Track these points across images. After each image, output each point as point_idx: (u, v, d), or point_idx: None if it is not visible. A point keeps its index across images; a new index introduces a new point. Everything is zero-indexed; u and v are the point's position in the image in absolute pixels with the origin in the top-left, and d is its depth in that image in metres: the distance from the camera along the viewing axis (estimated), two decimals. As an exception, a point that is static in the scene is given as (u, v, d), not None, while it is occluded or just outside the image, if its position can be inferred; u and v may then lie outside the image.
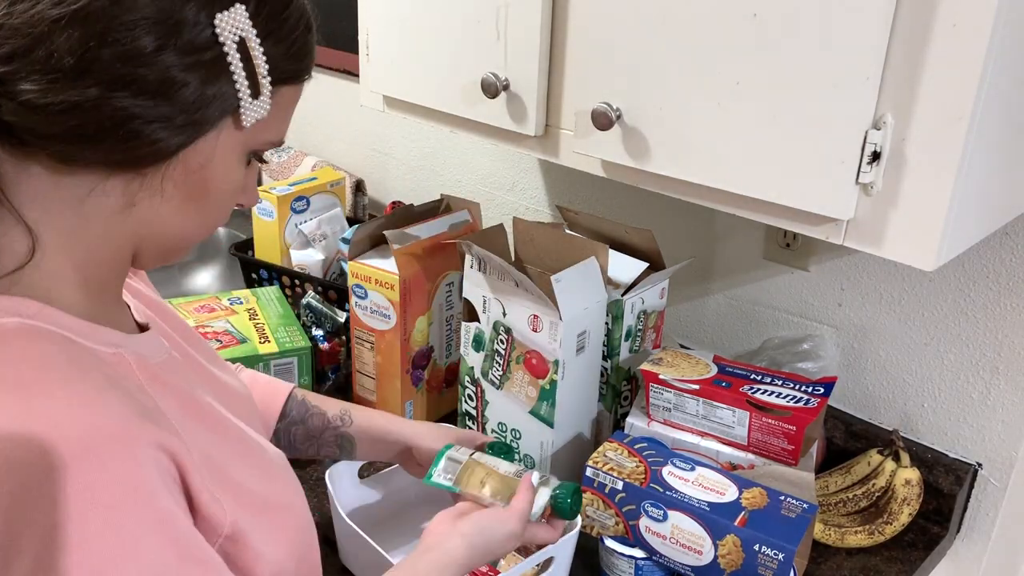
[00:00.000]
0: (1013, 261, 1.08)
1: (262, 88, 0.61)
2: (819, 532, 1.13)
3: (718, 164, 0.89)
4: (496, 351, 1.17)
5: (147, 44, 0.55)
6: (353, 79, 1.86)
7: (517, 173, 1.62)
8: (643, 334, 1.24)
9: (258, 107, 0.61)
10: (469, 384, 1.23)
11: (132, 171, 0.59)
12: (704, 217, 1.35)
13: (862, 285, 1.22)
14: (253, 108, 0.61)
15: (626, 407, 1.23)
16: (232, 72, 0.59)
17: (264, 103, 0.62)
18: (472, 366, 1.21)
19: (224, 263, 2.08)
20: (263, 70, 0.61)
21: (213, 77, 0.58)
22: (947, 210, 0.77)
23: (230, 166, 0.64)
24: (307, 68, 0.67)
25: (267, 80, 0.61)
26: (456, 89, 1.13)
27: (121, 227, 0.62)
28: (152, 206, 0.62)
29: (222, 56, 0.58)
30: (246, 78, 0.60)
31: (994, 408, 1.14)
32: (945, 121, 0.75)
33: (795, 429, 1.04)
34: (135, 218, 0.62)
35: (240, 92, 0.60)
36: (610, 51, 0.95)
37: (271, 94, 0.62)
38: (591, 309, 1.12)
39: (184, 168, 0.61)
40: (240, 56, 0.59)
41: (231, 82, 0.59)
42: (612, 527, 1.04)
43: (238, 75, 0.59)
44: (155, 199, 0.61)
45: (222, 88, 0.59)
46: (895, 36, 0.76)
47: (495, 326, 1.15)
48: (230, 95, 0.59)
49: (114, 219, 0.61)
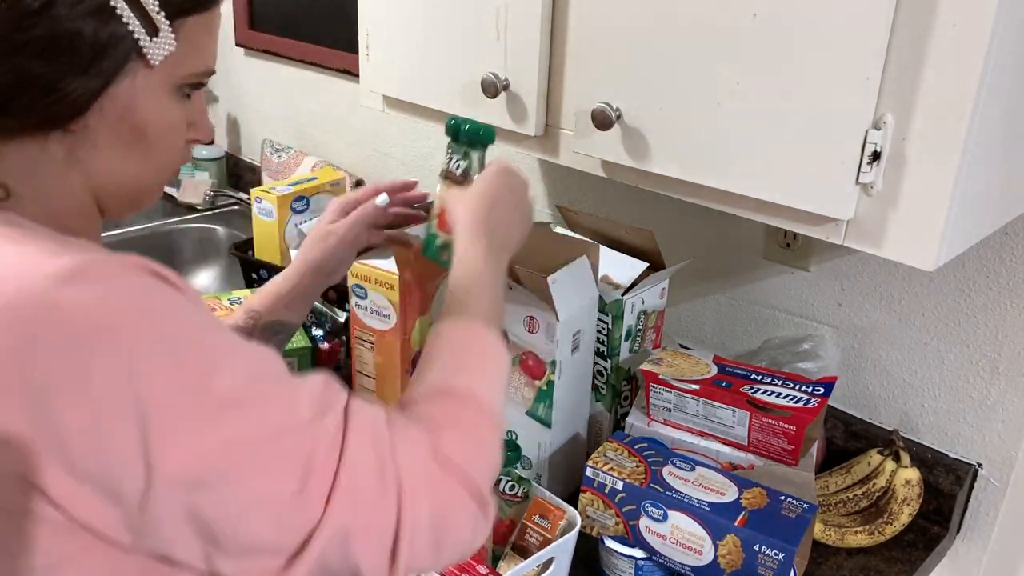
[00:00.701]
0: (1013, 261, 1.08)
1: (159, 24, 0.60)
2: (819, 532, 1.13)
3: (718, 164, 0.89)
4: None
5: (31, 4, 0.55)
6: (353, 79, 1.86)
7: (517, 173, 1.62)
8: (643, 334, 1.23)
9: (161, 44, 0.61)
10: None
11: (58, 129, 0.60)
12: (704, 217, 1.35)
13: (862, 285, 1.22)
14: (156, 46, 0.61)
15: (626, 407, 1.23)
16: (120, 15, 0.58)
17: (166, 39, 0.61)
18: None
19: (224, 263, 2.08)
20: (153, 7, 0.60)
21: (103, 23, 0.58)
22: (947, 210, 0.77)
23: (159, 105, 0.64)
24: None
25: (161, 15, 0.60)
26: (456, 89, 1.13)
27: (75, 181, 0.64)
28: (94, 157, 0.63)
29: (107, 1, 0.58)
30: (137, 19, 0.59)
31: (994, 408, 1.14)
32: (945, 121, 0.75)
33: (795, 429, 1.04)
34: (84, 171, 0.64)
35: (135, 33, 0.59)
36: (610, 51, 0.95)
37: (172, 28, 0.61)
38: (585, 308, 1.12)
39: (107, 116, 0.61)
40: None
41: (123, 24, 0.59)
42: (612, 527, 1.04)
43: (127, 17, 0.59)
44: (92, 150, 0.63)
45: (116, 31, 0.59)
46: (895, 36, 0.76)
47: None
48: (126, 37, 0.59)
49: (66, 175, 0.63)
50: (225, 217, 2.17)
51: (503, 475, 1.03)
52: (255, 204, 1.69)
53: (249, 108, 2.30)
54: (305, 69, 2.04)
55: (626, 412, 1.20)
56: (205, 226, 2.12)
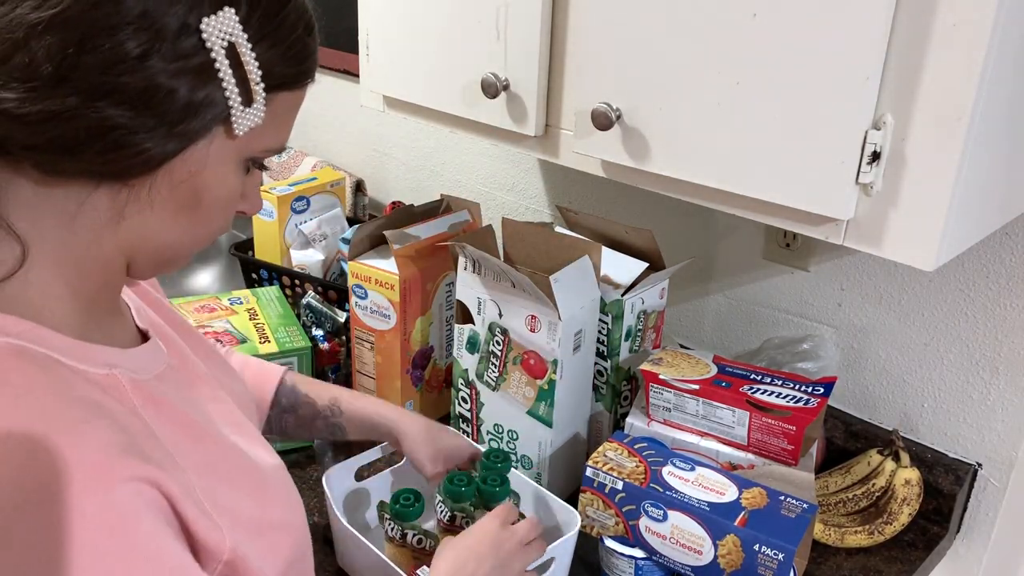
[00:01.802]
0: (1013, 261, 1.08)
1: (255, 95, 0.58)
2: (819, 532, 1.13)
3: (718, 164, 0.89)
4: (492, 352, 1.17)
5: (129, 51, 0.53)
6: (353, 79, 1.86)
7: (517, 173, 1.62)
8: (643, 334, 1.23)
9: (251, 115, 0.59)
10: (463, 386, 1.23)
11: (118, 182, 0.57)
12: (704, 217, 1.35)
13: (862, 285, 1.22)
14: (246, 116, 0.59)
15: (626, 407, 1.23)
16: (221, 79, 0.56)
17: (258, 110, 0.59)
18: (466, 368, 1.21)
19: (224, 263, 2.08)
20: (255, 76, 0.58)
21: (200, 84, 0.55)
22: (947, 210, 0.77)
23: (224, 175, 0.61)
24: (307, 72, 0.64)
25: (260, 87, 0.58)
26: (456, 89, 1.13)
27: (112, 239, 0.60)
28: (142, 218, 0.60)
29: (210, 63, 0.55)
30: (236, 85, 0.57)
31: (994, 408, 1.14)
32: (945, 121, 0.75)
33: (795, 429, 1.04)
34: (126, 230, 0.60)
35: (230, 100, 0.57)
36: (610, 51, 0.95)
37: (265, 101, 0.59)
38: (586, 308, 1.12)
39: (173, 178, 0.59)
40: (229, 62, 0.56)
41: (220, 89, 0.56)
42: (612, 527, 1.04)
43: (227, 82, 0.56)
44: (144, 211, 0.59)
45: (211, 95, 0.56)
46: (895, 36, 0.76)
47: (491, 327, 1.15)
48: (220, 103, 0.57)
49: (104, 231, 0.60)
50: (225, 217, 2.17)
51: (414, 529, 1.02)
52: (255, 204, 1.69)
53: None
54: (305, 69, 2.04)
55: (626, 412, 1.20)
56: (205, 226, 2.12)
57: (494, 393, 1.19)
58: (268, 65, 0.59)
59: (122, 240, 0.61)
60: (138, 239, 0.61)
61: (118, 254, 0.62)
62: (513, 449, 1.19)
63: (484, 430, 1.22)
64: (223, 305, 1.38)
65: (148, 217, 0.60)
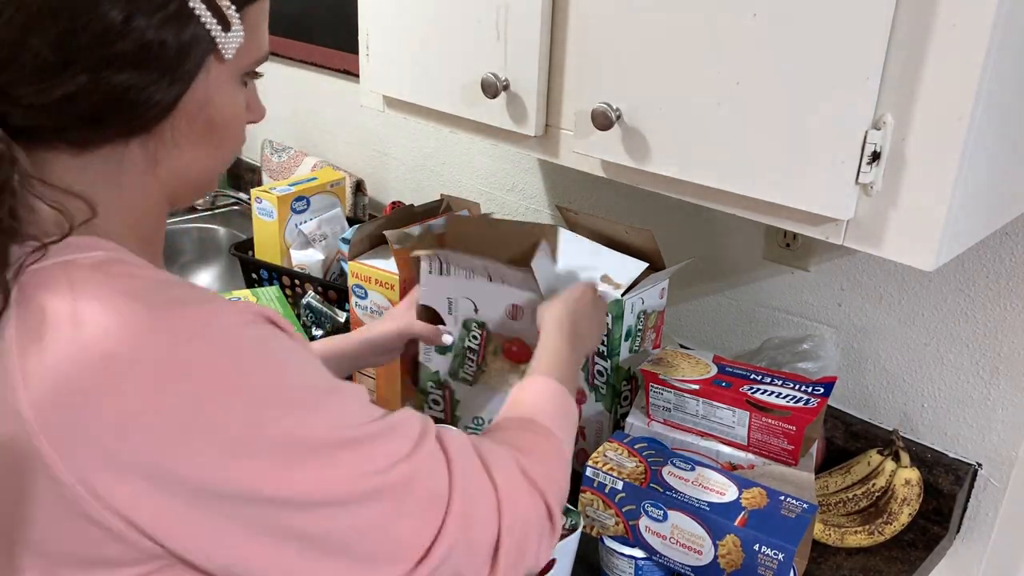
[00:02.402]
0: (1013, 261, 1.08)
1: (231, 19, 0.63)
2: (819, 532, 1.13)
3: (718, 164, 0.89)
4: (469, 348, 1.16)
5: (115, 19, 0.57)
6: (353, 79, 1.86)
7: (517, 173, 1.62)
8: (643, 334, 1.23)
9: (233, 37, 0.63)
10: (434, 389, 1.22)
11: (143, 134, 0.63)
12: (704, 217, 1.36)
13: (862, 285, 1.22)
14: (229, 40, 0.63)
15: (626, 407, 1.23)
16: (199, 16, 0.60)
17: (237, 31, 0.64)
18: (436, 371, 1.20)
19: (224, 263, 2.08)
20: (226, 3, 0.62)
21: (183, 27, 0.60)
22: (947, 210, 0.77)
23: (229, 96, 0.67)
24: None
25: (232, 10, 0.63)
26: (456, 89, 1.13)
27: (154, 183, 0.66)
28: (173, 156, 0.65)
29: (184, 4, 0.59)
30: (212, 16, 0.61)
31: (994, 408, 1.14)
32: (945, 121, 0.75)
33: (795, 429, 1.04)
34: (163, 172, 0.66)
35: (212, 31, 0.61)
36: (610, 51, 0.95)
37: (240, 20, 0.64)
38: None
39: (187, 114, 0.63)
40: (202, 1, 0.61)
41: (200, 25, 0.61)
42: (612, 527, 1.04)
43: (205, 17, 0.61)
44: (173, 150, 0.65)
45: (195, 33, 0.60)
46: (895, 36, 0.76)
47: (465, 324, 1.15)
48: (204, 37, 0.61)
49: (146, 178, 0.65)
50: (225, 217, 2.17)
51: None
52: (255, 204, 1.69)
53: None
54: (305, 69, 2.04)
55: (626, 412, 1.20)
56: (205, 226, 2.12)
57: (472, 388, 1.19)
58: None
59: (163, 181, 0.66)
60: (176, 176, 0.67)
61: (162, 193, 0.67)
62: None
63: (463, 425, 1.22)
64: (223, 305, 1.37)
65: (179, 154, 0.65)
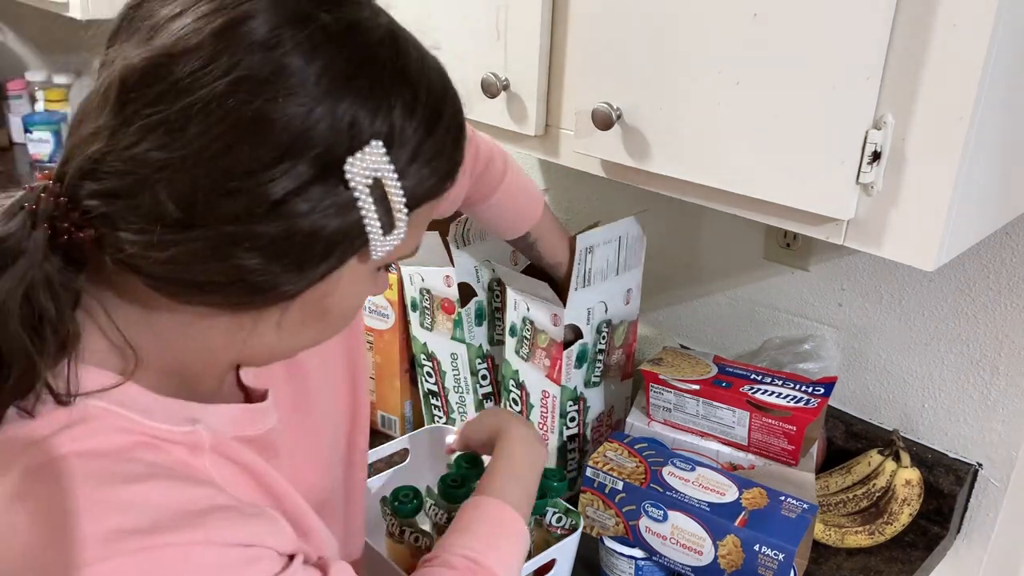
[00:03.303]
0: (1013, 261, 1.08)
1: (396, 222, 0.53)
2: (819, 532, 1.13)
3: (718, 164, 0.89)
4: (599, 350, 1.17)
5: (268, 195, 0.48)
6: (353, 79, 1.86)
7: (517, 173, 1.62)
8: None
9: (391, 240, 0.54)
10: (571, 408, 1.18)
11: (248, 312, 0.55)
12: (704, 217, 1.35)
13: (862, 285, 1.22)
14: (386, 243, 0.54)
15: (573, 428, 1.19)
16: (363, 214, 0.51)
17: (399, 233, 0.54)
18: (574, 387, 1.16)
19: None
20: (399, 204, 0.52)
21: (341, 222, 0.51)
22: (947, 210, 0.77)
23: (356, 291, 0.58)
24: (451, 176, 0.57)
25: (403, 212, 0.53)
26: (456, 89, 1.12)
27: (227, 349, 0.57)
28: (265, 335, 0.57)
29: (352, 200, 0.50)
30: (378, 217, 0.52)
31: (994, 408, 1.14)
32: (945, 121, 0.75)
33: (795, 429, 1.04)
34: (249, 348, 0.58)
35: (371, 231, 0.52)
36: (610, 51, 0.95)
37: (407, 222, 0.54)
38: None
39: (306, 302, 0.55)
40: (373, 198, 0.51)
41: (359, 221, 0.52)
42: (612, 527, 1.04)
43: (368, 216, 0.52)
44: (271, 332, 0.56)
45: (350, 230, 0.52)
46: (895, 36, 0.76)
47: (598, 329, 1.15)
48: (359, 235, 0.52)
49: (220, 343, 0.57)
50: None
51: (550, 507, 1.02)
52: (255, 204, 1.69)
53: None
54: (305, 69, 2.04)
55: (573, 434, 1.19)
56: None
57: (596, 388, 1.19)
58: (414, 188, 0.54)
59: (238, 351, 0.58)
60: (255, 352, 0.59)
61: (230, 359, 0.59)
62: None
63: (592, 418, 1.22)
64: (223, 305, 1.37)
65: (272, 335, 0.57)
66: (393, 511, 0.99)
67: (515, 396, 1.20)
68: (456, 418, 1.29)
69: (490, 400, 1.28)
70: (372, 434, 1.35)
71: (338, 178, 0.50)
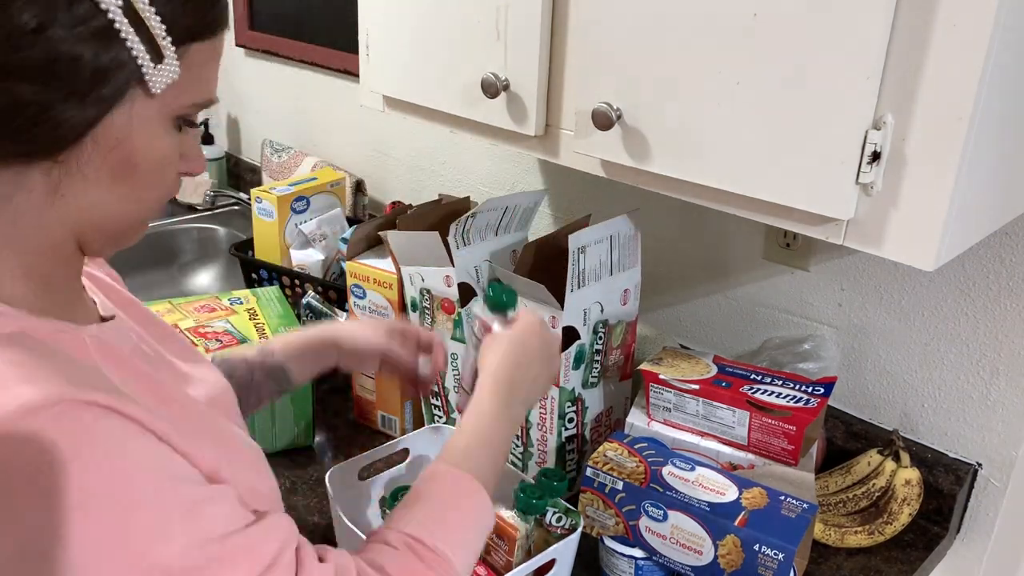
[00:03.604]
0: (1013, 261, 1.08)
1: (164, 51, 0.56)
2: (819, 532, 1.13)
3: (718, 164, 0.89)
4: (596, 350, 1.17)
5: (26, 23, 0.51)
6: (353, 79, 1.86)
7: (517, 173, 1.62)
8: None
9: (165, 71, 0.57)
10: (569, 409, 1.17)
11: (47, 159, 0.57)
12: (704, 217, 1.35)
13: (862, 285, 1.22)
14: (160, 73, 0.57)
15: (571, 429, 1.19)
16: (124, 39, 0.54)
17: (171, 65, 0.57)
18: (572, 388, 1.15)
19: (224, 263, 2.08)
20: (159, 31, 0.56)
21: (104, 47, 0.54)
22: (947, 210, 0.77)
23: (153, 136, 0.60)
24: (217, 21, 0.61)
25: (167, 41, 0.56)
26: (456, 89, 1.13)
27: (54, 216, 0.59)
28: (79, 192, 0.59)
29: (109, 23, 0.54)
30: (142, 43, 0.55)
31: (994, 408, 1.14)
32: (945, 121, 0.75)
33: (795, 429, 1.04)
34: (67, 206, 0.59)
35: (139, 59, 0.55)
36: (610, 51, 0.95)
37: (177, 55, 0.58)
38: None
39: (101, 147, 0.58)
40: (129, 20, 0.54)
41: (126, 49, 0.55)
42: (612, 527, 1.04)
43: (131, 41, 0.55)
44: (79, 184, 0.59)
45: (118, 57, 0.55)
46: (895, 36, 0.76)
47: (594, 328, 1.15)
48: (129, 63, 0.55)
49: (45, 211, 0.59)
50: (225, 217, 2.17)
51: (551, 506, 1.01)
52: (255, 204, 1.69)
53: (249, 108, 2.30)
54: (305, 69, 2.04)
55: (571, 435, 1.19)
56: (205, 226, 2.12)
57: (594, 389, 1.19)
58: (172, 18, 0.57)
59: (64, 216, 0.60)
60: (80, 214, 0.60)
61: (64, 232, 0.61)
62: None
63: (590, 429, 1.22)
64: (223, 305, 1.38)
65: (85, 190, 0.59)
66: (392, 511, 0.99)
67: None
68: (456, 417, 1.29)
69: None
70: (372, 434, 1.35)
71: (90, 3, 0.53)
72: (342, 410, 1.42)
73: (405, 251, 1.22)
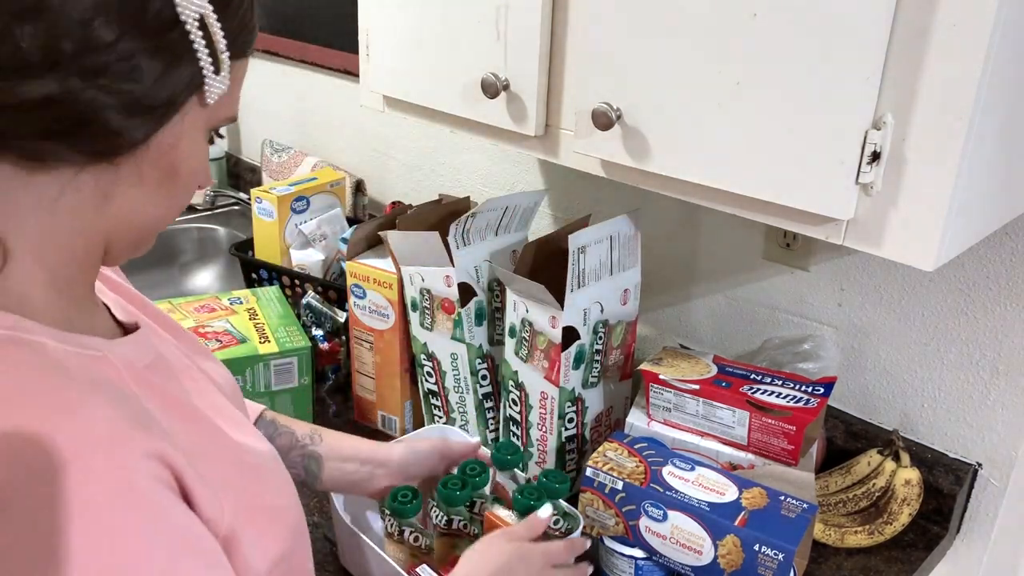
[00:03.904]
0: (1013, 261, 1.08)
1: (222, 64, 0.60)
2: (819, 532, 1.13)
3: (718, 164, 0.89)
4: (596, 350, 1.17)
5: (109, 32, 0.54)
6: (353, 79, 1.86)
7: (517, 173, 1.62)
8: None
9: (220, 82, 0.61)
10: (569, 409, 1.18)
11: (106, 163, 0.58)
12: (704, 217, 1.35)
13: (862, 285, 1.22)
14: (216, 84, 0.61)
15: (571, 429, 1.19)
16: (196, 50, 0.58)
17: (225, 78, 0.61)
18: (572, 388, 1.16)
19: (224, 263, 2.08)
20: (222, 45, 0.60)
21: (178, 57, 0.57)
22: (947, 210, 0.77)
23: (196, 144, 0.63)
24: (254, 38, 0.66)
25: (226, 55, 0.60)
26: (456, 89, 1.13)
27: (95, 222, 0.61)
28: (126, 195, 0.61)
29: (185, 35, 0.57)
30: (208, 55, 0.59)
31: (994, 408, 1.14)
32: (945, 121, 0.75)
33: (795, 429, 1.04)
34: (110, 211, 0.61)
35: (204, 69, 0.59)
36: (610, 51, 0.95)
37: (229, 68, 0.62)
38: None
39: (156, 152, 0.60)
40: (202, 34, 0.58)
41: (195, 60, 0.58)
42: (612, 527, 1.04)
43: (201, 52, 0.58)
44: (127, 188, 0.60)
45: (187, 67, 0.58)
46: (895, 36, 0.76)
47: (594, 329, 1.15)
48: (195, 73, 0.59)
49: (89, 213, 0.60)
50: (225, 217, 2.17)
51: None
52: (255, 204, 1.69)
53: (249, 108, 2.30)
54: (305, 69, 2.04)
55: (571, 435, 1.19)
56: (205, 226, 2.12)
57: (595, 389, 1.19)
58: (232, 33, 0.60)
59: (107, 221, 0.61)
60: (123, 218, 0.62)
61: (99, 237, 0.62)
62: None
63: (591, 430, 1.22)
64: (223, 305, 1.38)
65: (132, 194, 0.61)
66: (392, 511, 0.99)
67: (514, 397, 1.20)
68: (456, 418, 1.30)
69: (490, 400, 1.28)
70: (372, 434, 1.35)
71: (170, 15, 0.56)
72: (342, 410, 1.42)
73: (405, 251, 1.22)
